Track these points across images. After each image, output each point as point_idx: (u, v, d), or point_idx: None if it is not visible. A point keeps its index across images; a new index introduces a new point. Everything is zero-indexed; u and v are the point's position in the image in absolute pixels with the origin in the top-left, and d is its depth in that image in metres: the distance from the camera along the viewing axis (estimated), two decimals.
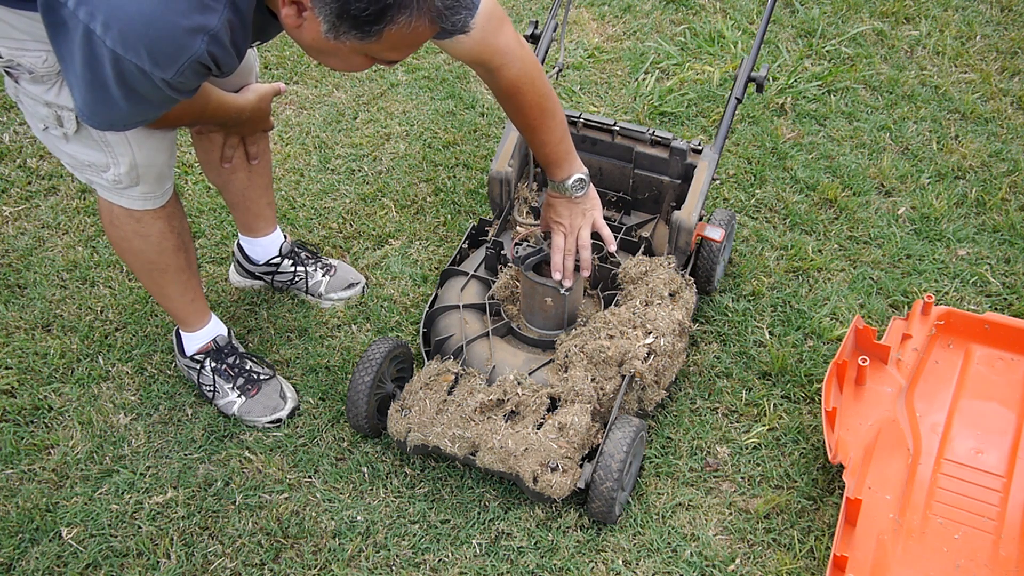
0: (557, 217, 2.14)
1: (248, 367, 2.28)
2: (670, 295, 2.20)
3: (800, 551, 1.98)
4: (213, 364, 2.26)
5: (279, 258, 2.52)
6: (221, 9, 1.41)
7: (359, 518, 2.06)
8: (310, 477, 2.15)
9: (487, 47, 1.90)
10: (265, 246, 2.52)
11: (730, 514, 2.06)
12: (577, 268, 2.10)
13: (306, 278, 2.53)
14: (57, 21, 1.44)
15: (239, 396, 2.26)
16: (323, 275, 2.55)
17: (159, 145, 1.89)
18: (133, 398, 2.33)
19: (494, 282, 2.29)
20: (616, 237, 2.33)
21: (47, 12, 1.45)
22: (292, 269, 2.53)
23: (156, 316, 2.53)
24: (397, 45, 1.47)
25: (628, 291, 2.21)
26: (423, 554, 2.00)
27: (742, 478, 2.13)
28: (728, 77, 3.31)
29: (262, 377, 2.29)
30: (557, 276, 2.11)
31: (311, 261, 2.55)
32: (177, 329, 2.30)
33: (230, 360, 2.27)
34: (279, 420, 2.25)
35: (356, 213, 2.85)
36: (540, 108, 2.02)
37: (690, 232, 2.25)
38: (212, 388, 2.26)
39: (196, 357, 2.27)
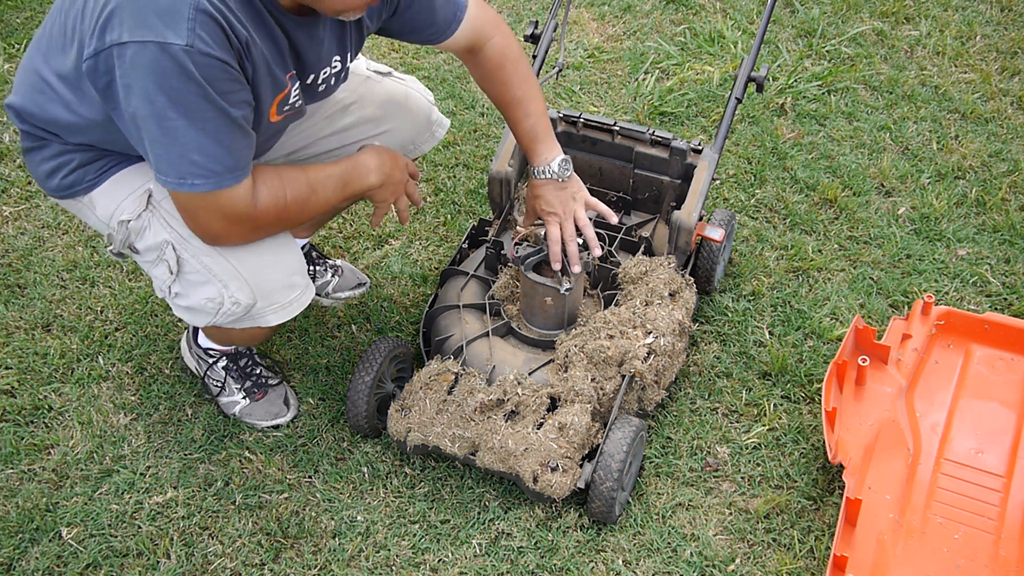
0: (549, 207, 2.07)
1: (259, 371, 2.28)
2: (670, 295, 2.19)
3: (800, 551, 1.98)
4: (225, 363, 2.26)
5: None
6: None
7: (359, 518, 2.06)
8: (310, 477, 2.15)
9: (484, 19, 1.99)
10: None
11: (730, 514, 2.06)
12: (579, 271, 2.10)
13: (313, 277, 2.53)
14: (109, 85, 1.58)
15: (244, 398, 2.26)
16: (331, 276, 2.55)
17: (263, 253, 1.84)
18: (133, 398, 2.33)
19: (494, 282, 2.29)
20: (616, 237, 2.34)
21: (104, 88, 1.59)
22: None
23: (156, 316, 2.53)
24: None
25: (628, 291, 2.21)
26: (423, 554, 2.00)
27: (742, 478, 2.13)
28: (728, 77, 3.31)
29: (270, 382, 2.29)
30: (557, 267, 2.06)
31: (320, 262, 2.56)
32: None
33: (242, 362, 2.27)
34: (278, 426, 2.25)
35: (356, 213, 2.85)
36: (528, 75, 2.05)
37: (690, 232, 2.25)
38: (220, 385, 2.26)
39: (210, 352, 2.27)
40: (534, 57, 2.48)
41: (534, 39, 2.50)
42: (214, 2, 1.52)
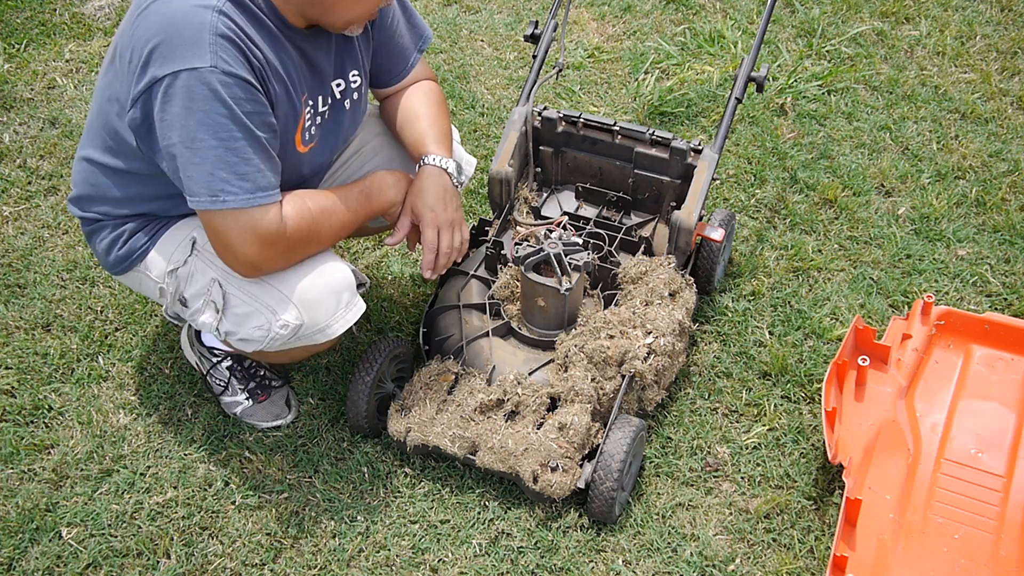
0: (430, 207, 2.02)
1: (263, 373, 2.28)
2: (670, 295, 2.20)
3: (800, 551, 1.98)
4: (230, 363, 2.26)
5: None
6: None
7: (359, 518, 2.06)
8: (310, 477, 2.15)
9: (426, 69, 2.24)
10: None
11: (730, 514, 2.06)
12: (577, 268, 2.10)
13: None
14: (149, 130, 1.71)
15: (247, 399, 2.26)
16: None
17: (307, 272, 1.88)
18: (133, 398, 2.33)
19: (494, 282, 2.29)
20: (616, 237, 2.34)
21: (145, 135, 1.73)
22: None
23: (156, 316, 2.53)
24: None
25: (628, 291, 2.21)
26: (423, 554, 2.00)
27: (742, 478, 2.13)
28: (728, 77, 3.31)
29: (273, 384, 2.29)
30: (429, 276, 2.07)
31: None
32: None
33: (247, 363, 2.27)
34: (279, 427, 2.25)
35: None
36: (446, 112, 2.23)
37: (690, 232, 2.25)
38: (224, 385, 2.26)
39: (215, 351, 2.27)
40: (534, 57, 2.48)
41: (534, 39, 2.50)
42: (231, 27, 1.66)
